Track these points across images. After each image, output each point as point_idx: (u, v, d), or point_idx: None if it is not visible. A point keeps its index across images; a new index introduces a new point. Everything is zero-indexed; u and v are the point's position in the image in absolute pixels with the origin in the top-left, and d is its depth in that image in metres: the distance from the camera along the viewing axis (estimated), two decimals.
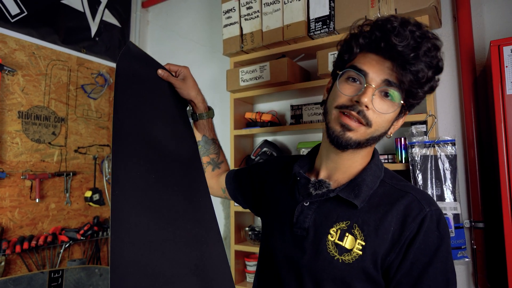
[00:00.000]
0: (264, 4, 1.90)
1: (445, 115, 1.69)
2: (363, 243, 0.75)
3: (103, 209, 2.35)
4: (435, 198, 1.44)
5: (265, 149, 1.96)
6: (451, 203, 1.43)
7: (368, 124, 0.76)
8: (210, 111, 1.11)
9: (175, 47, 2.70)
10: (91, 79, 2.36)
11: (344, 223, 0.78)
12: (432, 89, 0.79)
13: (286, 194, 0.91)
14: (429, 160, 1.47)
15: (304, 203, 0.84)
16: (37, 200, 2.00)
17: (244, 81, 1.94)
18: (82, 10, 2.36)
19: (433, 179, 1.46)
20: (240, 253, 1.99)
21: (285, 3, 1.83)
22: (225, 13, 2.05)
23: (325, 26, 1.72)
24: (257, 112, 2.01)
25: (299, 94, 1.98)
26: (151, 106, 0.92)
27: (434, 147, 1.47)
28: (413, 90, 0.75)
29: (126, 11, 2.69)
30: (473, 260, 1.54)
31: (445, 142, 1.46)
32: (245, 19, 1.97)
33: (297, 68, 1.89)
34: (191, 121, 1.11)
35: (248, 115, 2.04)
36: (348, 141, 0.77)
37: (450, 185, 1.44)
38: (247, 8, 1.96)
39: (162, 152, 0.87)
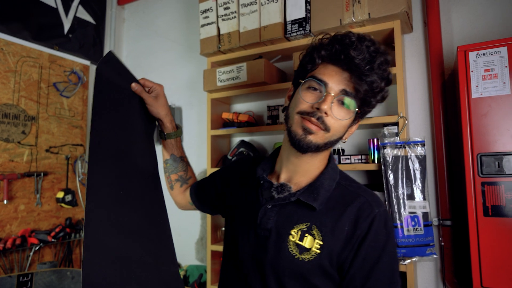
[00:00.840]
0: (242, 5, 1.91)
1: (415, 117, 1.75)
2: (321, 243, 0.82)
3: (75, 210, 2.29)
4: (405, 197, 1.49)
5: (242, 149, 1.97)
6: (420, 202, 1.48)
7: (326, 129, 0.83)
8: (178, 130, 1.13)
9: (152, 46, 2.67)
10: (64, 77, 2.30)
11: (304, 224, 0.85)
12: (383, 99, 0.88)
13: (250, 196, 0.97)
14: (400, 161, 1.52)
15: (267, 206, 0.90)
16: (5, 202, 1.93)
17: (221, 81, 1.94)
18: (54, 6, 2.29)
19: (404, 179, 1.50)
20: (216, 253, 1.99)
21: (262, 5, 1.85)
22: (202, 13, 2.04)
23: (301, 28, 1.75)
24: (234, 113, 2.01)
25: (275, 95, 1.99)
26: (123, 118, 0.94)
27: (405, 148, 1.52)
28: (367, 99, 0.84)
29: (101, 8, 2.63)
30: (441, 256, 1.60)
31: (415, 143, 1.51)
32: (223, 20, 1.97)
33: (273, 69, 1.91)
34: (155, 138, 1.13)
35: (225, 115, 2.04)
36: (309, 143, 0.83)
37: (420, 184, 1.49)
38: (225, 9, 1.96)
39: (129, 167, 0.90)
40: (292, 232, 0.85)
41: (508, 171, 1.27)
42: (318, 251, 0.82)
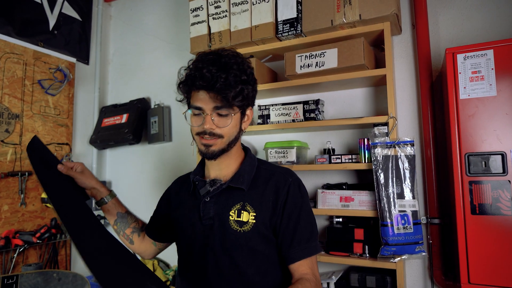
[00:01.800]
0: (233, 4, 1.90)
1: (404, 117, 1.78)
2: (254, 214, 1.02)
3: None
4: (395, 196, 1.52)
5: None
6: (410, 200, 1.51)
7: (220, 136, 1.02)
8: (112, 193, 1.25)
9: (140, 44, 2.63)
10: (49, 74, 2.24)
11: (239, 204, 1.04)
12: (248, 93, 1.03)
13: (190, 198, 1.13)
14: (390, 160, 1.54)
15: (205, 199, 1.07)
16: None
17: None
18: (39, 1, 2.24)
19: (394, 178, 1.53)
20: None
21: (253, 4, 1.85)
22: (193, 11, 2.02)
23: (293, 28, 1.75)
24: None
25: (266, 95, 2.00)
26: (61, 187, 1.12)
27: (395, 147, 1.55)
28: (235, 103, 1.00)
29: (87, 4, 2.58)
30: (429, 254, 1.64)
31: (405, 143, 1.54)
32: (213, 18, 1.96)
33: (265, 69, 1.91)
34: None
35: None
36: (213, 153, 1.03)
37: (409, 183, 1.52)
38: (215, 7, 1.95)
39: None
40: (231, 213, 1.03)
41: (494, 170, 1.31)
42: (254, 221, 1.02)
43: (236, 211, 1.03)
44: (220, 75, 0.96)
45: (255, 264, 1.02)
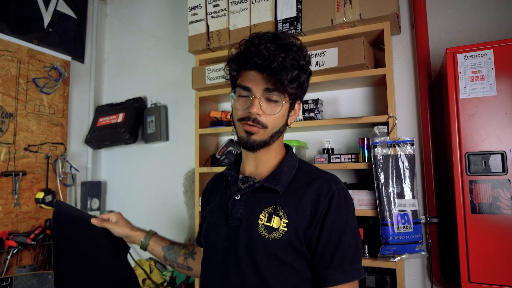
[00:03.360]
0: (231, 2, 1.89)
1: (404, 117, 1.78)
2: (287, 221, 0.90)
3: None
4: (395, 196, 1.52)
5: (230, 148, 1.95)
6: (410, 200, 1.51)
7: (264, 126, 0.93)
8: (149, 232, 1.24)
9: (136, 42, 2.61)
10: (43, 73, 2.21)
11: (270, 207, 0.93)
12: (303, 82, 0.94)
13: (221, 195, 1.05)
14: (390, 160, 1.54)
15: (236, 197, 0.98)
16: None
17: (210, 80, 1.92)
18: None
19: (394, 178, 1.53)
20: None
21: (252, 3, 1.84)
22: (191, 10, 2.01)
23: (293, 27, 1.75)
24: (222, 111, 1.99)
25: None
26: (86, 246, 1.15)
27: (395, 147, 1.55)
28: (288, 89, 0.91)
29: (82, 2, 2.54)
30: (428, 253, 1.64)
31: (405, 143, 1.54)
32: (212, 17, 1.94)
33: None
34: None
35: (214, 114, 2.01)
36: (254, 142, 0.93)
37: (409, 183, 1.52)
38: (214, 6, 1.94)
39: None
40: (261, 216, 0.92)
41: (494, 170, 1.31)
42: (285, 229, 0.90)
43: (266, 214, 0.92)
44: (279, 54, 0.87)
45: (281, 276, 0.90)
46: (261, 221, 0.92)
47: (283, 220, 0.91)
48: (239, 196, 0.97)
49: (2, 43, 2.01)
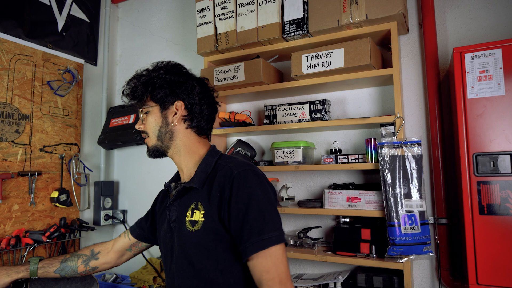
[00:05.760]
0: (239, 4, 1.91)
1: (411, 117, 1.77)
2: (203, 211, 1.02)
3: (70, 210, 2.27)
4: (402, 196, 1.51)
5: (239, 148, 1.97)
6: (417, 201, 1.50)
7: (146, 133, 1.16)
8: (33, 259, 1.32)
9: (147, 45, 2.65)
10: (58, 75, 2.27)
11: (193, 204, 1.06)
12: (140, 90, 1.15)
13: (164, 204, 1.19)
14: (397, 160, 1.54)
15: (170, 202, 1.13)
16: None
17: (218, 81, 1.94)
18: (48, 3, 2.26)
19: (401, 178, 1.52)
20: None
21: (259, 5, 1.85)
22: (199, 12, 2.04)
23: (299, 29, 1.76)
24: (230, 112, 2.01)
25: (273, 95, 2.00)
26: None
27: (402, 147, 1.54)
28: (138, 102, 1.17)
29: (95, 6, 2.60)
30: (437, 254, 1.63)
31: (412, 143, 1.54)
32: (220, 19, 1.97)
33: (271, 69, 1.92)
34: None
35: (222, 114, 2.04)
36: (148, 150, 1.17)
37: (417, 183, 1.51)
38: (222, 8, 1.96)
39: None
40: (187, 214, 1.05)
41: (503, 170, 1.30)
42: (203, 219, 1.01)
43: (191, 211, 1.05)
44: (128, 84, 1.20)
45: (210, 262, 1.01)
46: (187, 218, 1.05)
47: (201, 212, 1.02)
48: (171, 200, 1.12)
49: (18, 48, 2.08)
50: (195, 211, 1.04)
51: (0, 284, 1.23)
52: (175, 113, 1.12)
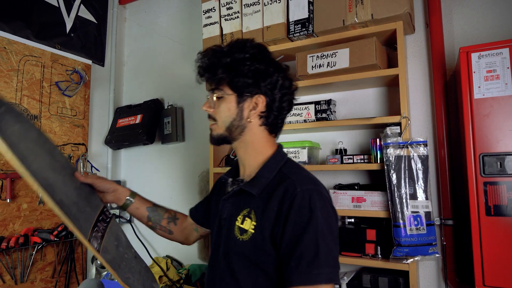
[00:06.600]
0: (244, 5, 1.91)
1: (417, 117, 1.76)
2: (255, 223, 0.93)
3: None
4: (407, 197, 1.50)
5: None
6: (423, 201, 1.49)
7: (214, 119, 1.02)
8: (132, 192, 1.24)
9: (154, 45, 2.67)
10: (66, 76, 2.30)
11: (246, 210, 0.97)
12: (228, 75, 0.99)
13: (219, 196, 1.11)
14: (403, 161, 1.53)
15: (224, 198, 1.04)
16: (8, 200, 1.93)
17: None
18: (56, 5, 2.29)
19: (407, 179, 1.52)
20: None
21: (265, 5, 1.86)
22: (205, 13, 2.05)
23: (304, 29, 1.76)
24: None
25: None
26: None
27: (408, 148, 1.53)
28: (219, 83, 1.00)
29: (102, 7, 2.63)
30: (443, 256, 1.61)
31: (418, 143, 1.53)
32: (225, 20, 1.97)
33: None
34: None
35: None
36: (211, 136, 1.04)
37: (422, 184, 1.50)
38: (227, 9, 1.97)
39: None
40: (238, 218, 0.97)
41: (510, 171, 1.28)
42: (253, 231, 0.93)
43: (242, 216, 0.97)
44: (204, 59, 1.02)
45: (251, 276, 0.93)
46: (238, 222, 0.97)
47: (252, 222, 0.94)
48: (226, 197, 1.04)
49: (27, 49, 2.11)
50: (246, 218, 0.95)
51: (106, 185, 1.15)
52: (253, 108, 0.99)
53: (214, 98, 1.01)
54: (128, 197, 1.21)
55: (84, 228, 0.92)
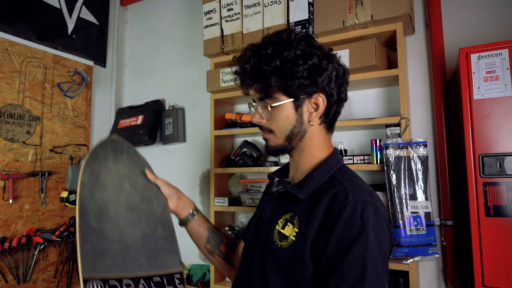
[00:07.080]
0: (245, 6, 1.92)
1: (417, 118, 1.76)
2: (297, 230, 0.83)
3: None
4: (407, 198, 1.51)
5: (245, 149, 1.99)
6: (422, 202, 1.50)
7: (270, 131, 0.92)
8: (195, 206, 1.16)
9: (155, 47, 2.69)
10: (67, 77, 2.32)
11: (289, 214, 0.87)
12: (269, 84, 0.88)
13: (263, 195, 1.06)
14: (403, 161, 1.53)
15: (266, 198, 0.97)
16: (10, 201, 1.94)
17: (224, 82, 1.96)
18: (58, 6, 2.31)
19: (406, 179, 1.52)
20: None
21: (265, 6, 1.86)
22: (206, 14, 2.06)
23: (304, 30, 1.76)
24: (237, 113, 2.03)
25: None
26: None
27: (407, 148, 1.54)
28: (271, 92, 0.88)
29: (104, 8, 2.64)
30: (443, 256, 1.62)
31: (418, 144, 1.53)
32: (226, 21, 1.98)
33: None
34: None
35: (228, 115, 2.05)
36: (269, 147, 0.94)
37: (422, 185, 1.51)
38: (228, 10, 1.98)
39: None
40: (279, 222, 0.88)
41: (509, 172, 1.28)
42: (294, 238, 0.83)
43: (284, 220, 0.87)
44: (246, 66, 0.88)
45: (284, 286, 0.83)
46: (278, 226, 0.87)
47: (294, 229, 0.84)
48: (269, 197, 0.96)
49: (30, 50, 2.12)
50: (288, 224, 0.85)
51: (171, 191, 1.13)
52: (314, 110, 0.89)
53: (269, 108, 0.89)
54: (192, 209, 1.12)
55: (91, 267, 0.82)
